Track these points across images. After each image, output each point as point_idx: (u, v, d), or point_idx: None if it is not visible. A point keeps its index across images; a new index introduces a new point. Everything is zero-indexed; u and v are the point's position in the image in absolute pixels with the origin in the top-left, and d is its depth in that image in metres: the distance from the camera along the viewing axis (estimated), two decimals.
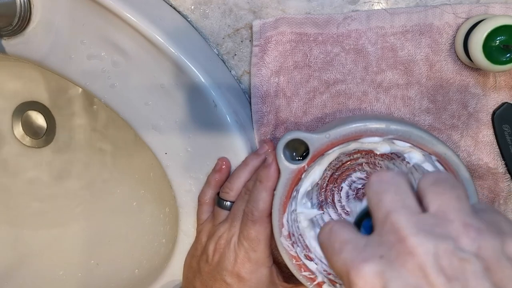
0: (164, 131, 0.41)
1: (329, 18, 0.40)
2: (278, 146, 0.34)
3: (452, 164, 0.33)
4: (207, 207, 0.41)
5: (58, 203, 0.58)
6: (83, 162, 0.58)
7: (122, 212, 0.56)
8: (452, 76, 0.39)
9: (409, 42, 0.39)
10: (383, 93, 0.40)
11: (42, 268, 0.56)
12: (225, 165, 0.40)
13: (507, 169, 0.39)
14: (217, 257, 0.38)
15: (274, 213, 0.35)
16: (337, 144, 0.33)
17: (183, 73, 0.39)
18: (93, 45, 0.40)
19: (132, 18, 0.37)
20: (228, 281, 0.37)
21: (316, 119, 0.41)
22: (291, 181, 0.34)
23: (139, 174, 0.56)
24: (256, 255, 0.36)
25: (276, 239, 0.36)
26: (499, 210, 0.39)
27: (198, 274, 0.40)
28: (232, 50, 0.42)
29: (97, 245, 0.56)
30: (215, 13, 0.41)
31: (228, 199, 0.39)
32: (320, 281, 0.35)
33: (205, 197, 0.41)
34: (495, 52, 0.35)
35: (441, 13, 0.38)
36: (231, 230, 0.38)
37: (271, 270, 0.38)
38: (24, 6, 0.39)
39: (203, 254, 0.39)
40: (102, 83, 0.41)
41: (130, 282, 0.51)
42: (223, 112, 0.39)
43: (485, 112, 0.39)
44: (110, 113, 0.44)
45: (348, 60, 0.40)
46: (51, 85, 0.56)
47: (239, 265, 0.37)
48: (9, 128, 0.58)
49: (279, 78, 0.41)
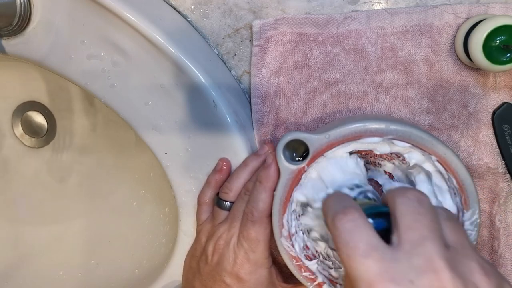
0: (164, 131, 0.41)
1: (329, 18, 0.39)
2: (278, 146, 0.34)
3: (451, 164, 0.33)
4: (207, 207, 0.41)
5: (58, 203, 0.59)
6: (83, 162, 0.58)
7: (122, 212, 0.56)
8: (452, 76, 0.39)
9: (409, 42, 0.39)
10: (383, 93, 0.40)
11: (42, 268, 0.56)
12: (225, 166, 0.40)
13: (507, 169, 0.39)
14: (216, 257, 0.38)
15: (274, 214, 0.35)
16: (337, 145, 0.33)
17: (183, 73, 0.39)
18: (93, 45, 0.40)
19: (132, 18, 0.37)
20: (227, 282, 0.37)
21: (316, 119, 0.41)
22: (291, 182, 0.34)
23: (139, 174, 0.56)
24: (255, 255, 0.36)
25: (276, 239, 0.36)
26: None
27: (197, 274, 0.40)
28: (232, 50, 0.42)
29: (97, 245, 0.56)
30: (215, 13, 0.41)
31: (227, 199, 0.39)
32: (320, 282, 0.35)
33: (204, 197, 0.41)
34: (495, 52, 0.35)
35: (441, 13, 0.38)
36: (230, 231, 0.38)
37: (270, 271, 0.38)
38: (24, 6, 0.39)
39: (203, 255, 0.39)
40: (102, 83, 0.41)
41: (130, 282, 0.51)
42: (223, 112, 0.39)
43: (485, 112, 0.39)
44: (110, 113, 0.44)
45: (348, 60, 0.40)
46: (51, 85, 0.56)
47: (238, 265, 0.37)
48: (9, 128, 0.58)
49: (279, 78, 0.41)
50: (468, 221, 0.33)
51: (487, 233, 0.41)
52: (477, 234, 0.33)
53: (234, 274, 0.37)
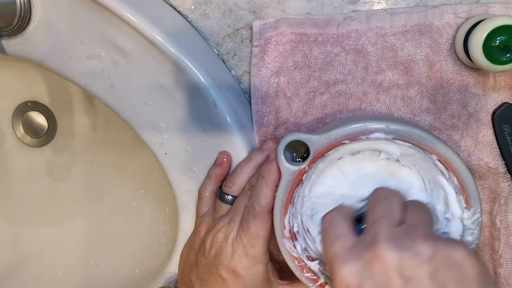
0: (164, 131, 0.41)
1: (329, 19, 0.39)
2: (279, 147, 0.34)
3: (453, 163, 0.33)
4: (208, 200, 0.41)
5: (58, 202, 0.58)
6: (83, 162, 0.58)
7: (122, 212, 0.56)
8: (452, 76, 0.39)
9: (409, 42, 0.39)
10: (383, 93, 0.40)
11: (42, 268, 0.56)
12: (226, 159, 0.40)
13: (507, 169, 0.39)
14: (214, 250, 0.38)
15: (276, 214, 0.35)
16: (337, 145, 0.33)
17: (183, 73, 0.39)
18: (93, 45, 0.40)
19: (132, 18, 0.37)
20: (224, 276, 0.37)
21: (316, 119, 0.41)
22: (292, 183, 0.34)
23: (139, 174, 0.56)
24: (253, 250, 0.36)
25: (278, 240, 0.36)
26: None
27: (195, 267, 0.39)
28: (232, 50, 0.42)
29: (97, 245, 0.56)
30: (215, 13, 0.41)
31: (230, 193, 0.39)
32: (322, 282, 0.35)
33: (205, 191, 0.41)
34: (495, 52, 0.35)
35: (441, 13, 0.38)
36: (230, 225, 0.37)
37: (267, 267, 0.38)
38: (24, 6, 0.39)
39: (201, 247, 0.39)
40: (102, 83, 0.41)
41: (130, 282, 0.51)
42: (223, 112, 0.39)
43: (485, 112, 0.39)
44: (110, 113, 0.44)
45: (348, 60, 0.40)
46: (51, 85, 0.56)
47: (236, 260, 0.37)
48: (10, 127, 0.58)
49: (279, 78, 0.41)
50: (470, 220, 0.33)
51: (487, 233, 0.41)
52: (479, 233, 0.33)
53: (231, 268, 0.37)
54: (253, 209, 0.36)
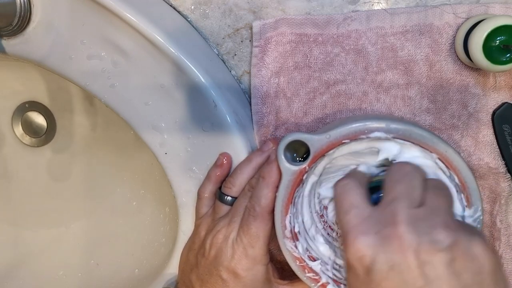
0: (164, 131, 0.41)
1: (329, 19, 0.39)
2: (279, 148, 0.34)
3: (453, 161, 0.32)
4: (207, 201, 0.41)
5: (58, 203, 0.58)
6: (83, 162, 0.58)
7: (122, 212, 0.56)
8: (452, 76, 0.39)
9: (409, 42, 0.39)
10: (383, 93, 0.40)
11: (42, 268, 0.56)
12: (226, 160, 0.40)
13: (507, 169, 0.39)
14: (214, 251, 0.38)
15: (277, 215, 0.35)
16: (337, 145, 0.33)
17: (183, 73, 0.39)
18: (93, 45, 0.40)
19: (132, 18, 0.37)
20: (224, 277, 0.37)
21: (316, 119, 0.41)
22: (293, 183, 0.34)
23: (139, 174, 0.56)
24: (254, 251, 0.36)
25: (279, 240, 0.36)
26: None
27: (195, 268, 0.39)
28: (232, 50, 0.42)
29: (97, 245, 0.56)
30: (215, 13, 0.41)
31: (230, 194, 0.39)
32: (324, 282, 0.35)
33: (205, 191, 0.41)
34: (495, 52, 0.35)
35: (441, 13, 0.38)
36: (230, 226, 0.37)
37: (267, 268, 0.38)
38: (24, 6, 0.39)
39: (201, 248, 0.39)
40: (102, 83, 0.41)
41: (130, 282, 0.51)
42: (223, 112, 0.39)
43: (485, 112, 0.39)
44: (110, 113, 0.44)
45: (348, 60, 0.40)
46: (51, 85, 0.56)
47: (236, 261, 0.37)
48: (9, 127, 0.58)
49: (279, 78, 0.41)
50: (471, 218, 0.33)
51: (488, 233, 0.41)
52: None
53: (231, 269, 0.37)
54: (254, 210, 0.36)
